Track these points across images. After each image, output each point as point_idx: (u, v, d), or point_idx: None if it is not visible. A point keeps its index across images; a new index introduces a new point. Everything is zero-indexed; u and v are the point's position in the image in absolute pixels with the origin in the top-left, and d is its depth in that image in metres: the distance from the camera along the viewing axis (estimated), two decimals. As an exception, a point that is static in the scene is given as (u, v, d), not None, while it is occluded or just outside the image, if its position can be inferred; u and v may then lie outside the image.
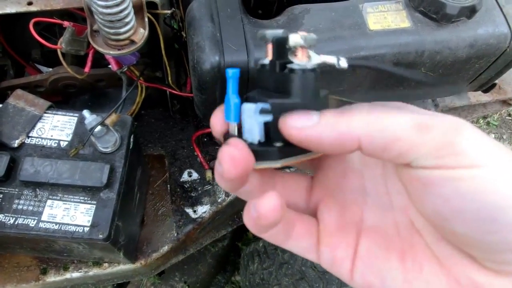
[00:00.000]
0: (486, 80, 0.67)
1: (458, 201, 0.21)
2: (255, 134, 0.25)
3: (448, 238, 0.24)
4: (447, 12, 0.52)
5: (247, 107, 0.25)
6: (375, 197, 0.28)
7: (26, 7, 0.55)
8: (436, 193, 0.22)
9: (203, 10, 0.51)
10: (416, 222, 0.26)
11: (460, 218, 0.21)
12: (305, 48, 0.25)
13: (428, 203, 0.22)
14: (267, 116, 0.25)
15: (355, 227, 0.28)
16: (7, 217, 0.52)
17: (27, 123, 0.57)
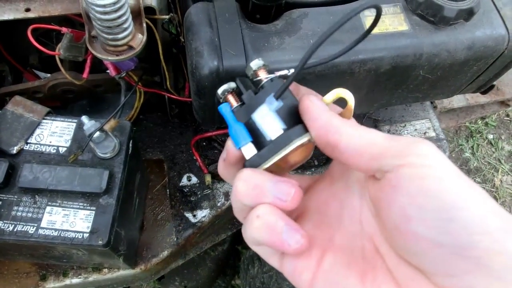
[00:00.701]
0: (485, 81, 0.67)
1: (422, 198, 0.23)
2: (278, 125, 0.28)
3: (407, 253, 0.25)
4: (444, 15, 0.52)
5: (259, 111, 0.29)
6: (348, 224, 0.30)
7: (24, 13, 0.55)
8: (403, 192, 0.24)
9: (201, 15, 0.51)
10: (381, 248, 0.28)
11: (423, 216, 0.23)
12: (263, 67, 0.31)
13: (396, 205, 0.24)
14: (276, 104, 0.29)
15: (322, 244, 0.29)
16: (6, 224, 0.52)
17: (26, 130, 0.57)
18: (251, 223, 0.27)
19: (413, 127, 0.99)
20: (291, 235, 0.26)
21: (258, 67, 0.31)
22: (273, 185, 0.27)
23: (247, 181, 0.28)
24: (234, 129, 0.30)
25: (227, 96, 0.32)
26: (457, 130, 1.89)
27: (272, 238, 0.27)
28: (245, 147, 0.29)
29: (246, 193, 0.28)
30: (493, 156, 1.85)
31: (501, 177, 1.80)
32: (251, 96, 0.30)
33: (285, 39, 0.51)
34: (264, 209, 0.27)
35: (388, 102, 0.65)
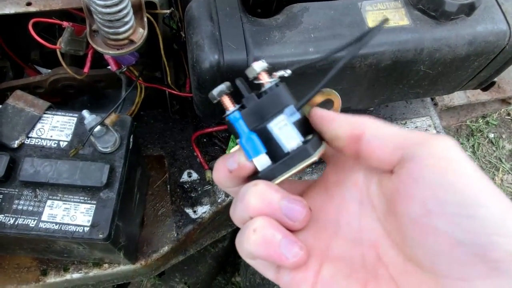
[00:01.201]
0: (485, 78, 0.67)
1: (443, 192, 0.22)
2: (297, 137, 0.28)
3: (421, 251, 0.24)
4: (446, 10, 0.52)
5: (277, 121, 0.28)
6: (346, 231, 0.29)
7: (25, 7, 0.55)
8: (425, 184, 0.23)
9: (202, 9, 0.51)
10: (385, 255, 0.27)
11: (444, 211, 0.22)
12: (263, 71, 0.30)
13: (417, 197, 0.23)
14: (295, 116, 0.28)
15: (320, 253, 0.28)
16: (7, 218, 0.52)
17: (27, 124, 0.57)
18: (248, 238, 0.26)
19: (413, 124, 0.99)
20: (289, 248, 0.26)
21: (262, 70, 0.30)
22: (287, 204, 0.27)
23: (262, 197, 0.27)
24: (246, 139, 0.28)
25: (222, 98, 0.30)
26: (458, 129, 1.89)
27: (270, 252, 0.26)
28: (258, 158, 0.28)
29: (259, 208, 0.27)
30: (494, 155, 1.85)
31: (502, 176, 1.80)
32: (255, 101, 0.29)
33: (286, 33, 0.51)
34: (261, 222, 0.26)
35: (389, 98, 0.65)
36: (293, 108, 0.28)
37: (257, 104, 0.29)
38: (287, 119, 0.28)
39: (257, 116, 0.29)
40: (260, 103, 0.29)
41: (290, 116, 0.28)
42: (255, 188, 0.27)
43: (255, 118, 0.29)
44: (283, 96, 0.29)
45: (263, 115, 0.29)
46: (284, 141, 0.28)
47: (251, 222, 0.26)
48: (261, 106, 0.29)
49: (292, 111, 0.28)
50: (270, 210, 0.27)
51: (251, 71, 0.30)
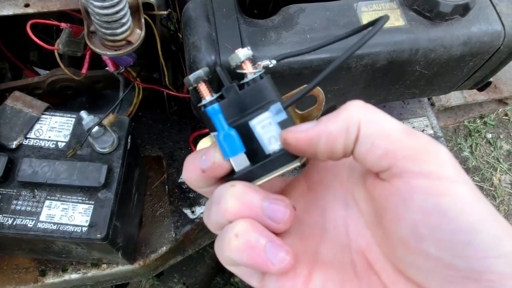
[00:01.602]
0: (481, 78, 0.67)
1: (438, 217, 0.21)
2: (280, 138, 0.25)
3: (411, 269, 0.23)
4: (440, 10, 0.53)
5: (260, 118, 0.26)
6: (333, 235, 0.27)
7: (23, 9, 0.55)
8: (416, 207, 0.21)
9: (199, 10, 0.52)
10: (376, 264, 0.25)
11: (436, 237, 0.21)
12: (248, 59, 0.27)
13: (406, 220, 0.22)
14: (281, 115, 0.26)
15: (308, 259, 0.26)
16: (5, 218, 0.52)
17: (25, 125, 0.58)
18: (229, 243, 0.24)
19: (411, 124, 0.99)
20: (275, 253, 0.23)
21: (246, 58, 0.27)
22: (268, 205, 0.24)
23: (241, 199, 0.24)
24: (225, 136, 0.26)
25: (199, 85, 0.27)
26: (456, 129, 1.90)
27: (254, 258, 0.23)
28: (236, 157, 0.26)
29: (238, 212, 0.24)
30: (491, 155, 1.85)
31: (500, 176, 1.80)
32: (236, 92, 0.27)
33: (282, 34, 0.51)
34: (244, 226, 0.24)
35: (385, 98, 0.66)
36: (280, 106, 0.26)
37: (238, 96, 0.26)
38: (272, 117, 0.26)
39: (237, 110, 0.26)
40: (241, 95, 0.26)
41: (276, 115, 0.26)
42: (232, 190, 0.25)
43: (234, 111, 0.26)
44: (268, 90, 0.26)
45: (244, 109, 0.26)
46: (266, 141, 0.26)
47: (232, 226, 0.24)
48: (242, 98, 0.26)
49: (278, 109, 0.26)
50: (250, 213, 0.24)
51: (235, 58, 0.27)
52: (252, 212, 0.24)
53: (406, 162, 0.22)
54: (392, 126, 0.23)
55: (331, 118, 0.24)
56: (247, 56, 0.27)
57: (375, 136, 0.23)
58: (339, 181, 0.28)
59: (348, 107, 0.24)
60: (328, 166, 0.29)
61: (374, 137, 0.23)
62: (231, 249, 0.24)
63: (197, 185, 0.28)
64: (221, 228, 0.25)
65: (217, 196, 0.25)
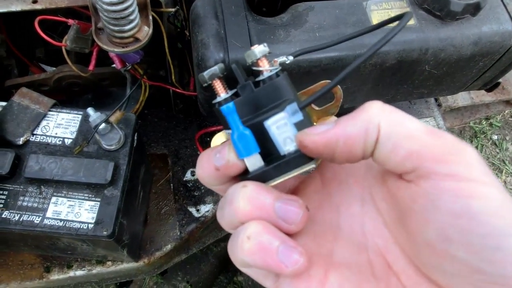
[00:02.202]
0: (490, 78, 0.67)
1: (467, 221, 0.20)
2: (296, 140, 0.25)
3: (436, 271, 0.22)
4: (451, 10, 0.52)
5: (276, 119, 0.25)
6: (348, 234, 0.26)
7: (31, 5, 0.55)
8: (445, 210, 0.21)
9: (207, 7, 0.51)
10: (395, 264, 0.24)
11: (465, 240, 0.20)
12: (264, 56, 0.26)
13: (434, 223, 0.21)
14: (297, 116, 0.25)
15: (322, 260, 0.26)
16: (12, 214, 0.52)
17: (32, 121, 0.57)
18: (242, 246, 0.23)
19: (417, 125, 0.99)
20: (288, 255, 0.23)
21: (262, 55, 0.26)
22: (281, 206, 0.24)
23: (253, 200, 0.24)
24: (239, 136, 0.25)
25: (214, 82, 0.27)
26: (462, 130, 1.89)
27: (267, 260, 0.23)
28: (251, 157, 0.25)
29: (249, 213, 0.24)
30: (497, 157, 1.84)
31: (505, 178, 1.79)
32: (251, 90, 0.26)
33: (291, 32, 0.51)
34: (256, 228, 0.23)
35: (393, 98, 0.65)
36: (296, 107, 0.25)
37: (253, 94, 0.26)
38: (288, 118, 0.25)
39: (252, 108, 0.26)
40: (257, 93, 0.26)
41: (292, 115, 0.25)
42: (244, 190, 0.24)
43: (249, 109, 0.26)
44: (284, 88, 0.26)
45: (259, 107, 0.26)
46: (281, 142, 0.25)
47: (244, 227, 0.24)
48: (258, 96, 0.26)
49: (295, 110, 0.25)
50: (262, 214, 0.24)
51: (251, 55, 0.26)
52: (264, 213, 0.24)
53: (432, 163, 0.21)
54: (415, 126, 0.22)
55: (350, 119, 0.23)
56: (263, 53, 0.26)
57: (397, 137, 0.22)
58: (355, 179, 0.27)
59: (367, 108, 0.23)
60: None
61: (396, 138, 0.22)
62: (243, 251, 0.23)
63: (210, 183, 0.27)
64: (234, 227, 0.25)
65: (230, 196, 0.25)
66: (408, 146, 0.22)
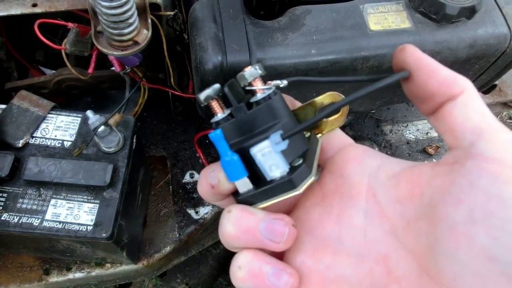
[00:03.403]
0: (487, 80, 0.67)
1: (496, 204, 0.21)
2: (282, 166, 0.25)
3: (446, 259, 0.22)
4: (447, 13, 0.53)
5: (260, 147, 0.25)
6: (349, 246, 0.26)
7: (31, 8, 0.56)
8: (480, 190, 0.21)
9: (205, 11, 0.52)
10: (397, 270, 0.24)
11: (488, 222, 0.21)
12: (257, 78, 0.27)
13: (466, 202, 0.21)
14: (282, 145, 0.25)
15: (319, 277, 0.26)
16: (11, 216, 0.53)
17: (31, 124, 0.58)
18: (234, 275, 0.25)
19: (415, 127, 0.99)
20: (278, 277, 0.24)
21: (254, 78, 0.27)
22: (265, 226, 0.25)
23: (237, 224, 0.25)
24: (227, 162, 0.26)
25: (210, 103, 0.28)
26: (460, 132, 1.89)
27: (258, 285, 0.24)
28: (240, 181, 0.26)
29: (236, 237, 0.25)
30: (495, 158, 1.85)
31: (504, 179, 1.80)
32: (244, 112, 0.26)
33: (288, 35, 0.51)
34: (246, 257, 0.25)
35: (390, 100, 0.66)
36: (279, 137, 0.25)
37: (245, 116, 0.26)
38: (272, 146, 0.25)
39: (244, 130, 0.26)
40: (249, 116, 0.26)
41: (276, 144, 0.25)
42: (229, 216, 0.26)
43: (241, 131, 0.26)
44: (277, 110, 0.26)
45: (251, 129, 0.26)
46: (267, 169, 0.25)
47: (236, 258, 0.25)
48: (250, 118, 0.26)
49: (278, 140, 0.25)
50: (248, 237, 0.25)
51: (242, 78, 0.27)
52: (250, 236, 0.25)
53: (485, 145, 0.22)
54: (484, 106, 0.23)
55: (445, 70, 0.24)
56: (254, 76, 0.27)
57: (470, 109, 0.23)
58: (358, 189, 0.27)
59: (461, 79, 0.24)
60: (344, 175, 0.28)
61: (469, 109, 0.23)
62: (237, 279, 0.25)
63: (208, 199, 0.29)
64: (230, 248, 0.27)
65: (220, 220, 0.26)
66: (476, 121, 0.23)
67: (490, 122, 0.23)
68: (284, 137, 0.25)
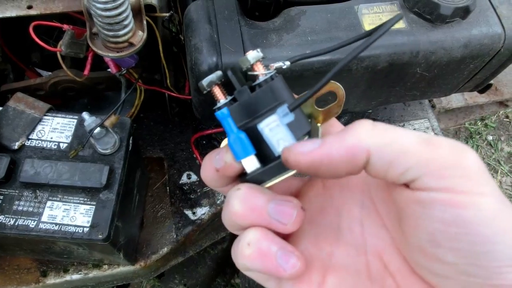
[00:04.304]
0: (482, 80, 0.67)
1: (456, 228, 0.21)
2: (289, 139, 0.25)
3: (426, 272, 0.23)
4: (441, 13, 0.53)
5: (268, 121, 0.26)
6: (348, 237, 0.27)
7: (26, 11, 0.56)
8: (436, 218, 0.21)
9: (200, 12, 0.52)
10: (391, 265, 0.25)
11: (454, 246, 0.21)
12: (259, 61, 0.27)
13: (425, 228, 0.22)
14: (289, 116, 0.26)
15: (322, 263, 0.27)
16: (7, 218, 0.53)
17: (27, 126, 0.58)
18: (242, 252, 0.25)
19: (411, 126, 0.99)
20: (286, 259, 0.24)
21: (256, 60, 0.27)
22: (274, 207, 0.25)
23: (246, 202, 0.25)
24: (234, 139, 0.26)
25: (213, 89, 0.28)
26: (457, 131, 1.90)
27: (266, 265, 0.24)
28: (247, 159, 0.26)
29: (243, 215, 0.25)
30: (492, 157, 1.85)
31: (501, 178, 1.80)
32: (248, 94, 0.27)
33: (283, 36, 0.51)
34: (255, 235, 0.25)
35: (386, 100, 0.66)
36: (286, 109, 0.25)
37: (249, 99, 0.27)
38: (279, 119, 0.25)
39: (249, 112, 0.27)
40: (252, 98, 0.27)
41: (283, 117, 0.25)
42: (237, 193, 0.25)
43: (246, 113, 0.27)
44: (279, 91, 0.26)
45: (255, 111, 0.26)
46: (275, 143, 0.26)
47: (244, 235, 0.25)
48: (253, 100, 0.27)
49: (285, 112, 0.25)
50: (256, 216, 0.25)
51: (244, 61, 0.27)
52: (258, 215, 0.25)
53: (429, 178, 0.21)
54: (408, 140, 0.22)
55: (336, 141, 0.23)
56: (257, 59, 0.27)
57: (392, 157, 0.22)
58: (356, 182, 0.28)
59: (355, 130, 0.23)
60: None
61: (391, 158, 0.22)
62: (244, 257, 0.25)
63: (213, 184, 0.28)
64: (234, 229, 0.26)
65: (227, 198, 0.26)
66: (404, 162, 0.22)
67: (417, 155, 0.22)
68: (291, 108, 0.25)
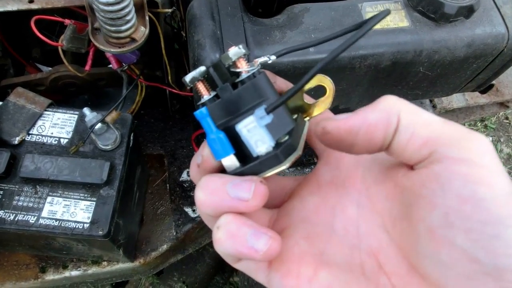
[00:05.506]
0: (484, 80, 0.67)
1: (471, 206, 0.20)
2: (267, 141, 0.25)
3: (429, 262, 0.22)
4: (445, 12, 0.53)
5: (245, 122, 0.25)
6: (342, 236, 0.27)
7: (28, 5, 0.55)
8: (453, 193, 0.21)
9: (203, 8, 0.52)
10: (387, 265, 0.25)
11: (467, 226, 0.20)
12: (241, 57, 0.27)
13: (439, 208, 0.21)
14: (267, 118, 0.25)
15: (313, 259, 0.26)
16: (7, 214, 0.52)
17: (28, 121, 0.58)
18: (213, 236, 0.25)
19: (412, 126, 0.99)
20: (257, 238, 0.23)
21: (238, 57, 0.27)
22: (232, 185, 0.24)
23: (205, 188, 0.25)
24: (213, 139, 0.26)
25: (196, 85, 0.27)
26: (457, 132, 1.90)
27: (237, 246, 0.24)
28: (226, 159, 0.26)
29: (206, 201, 0.25)
30: (492, 158, 1.85)
31: (500, 179, 1.81)
32: (230, 92, 0.26)
33: (286, 33, 0.51)
34: (225, 218, 0.24)
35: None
36: (263, 112, 0.25)
37: (230, 96, 0.26)
38: (257, 121, 0.25)
39: (230, 110, 0.26)
40: (234, 95, 0.26)
41: (261, 118, 0.25)
42: (199, 183, 0.26)
43: (227, 111, 0.26)
44: (262, 88, 0.26)
45: (237, 109, 0.26)
46: (253, 144, 0.25)
47: (216, 221, 0.25)
48: (235, 98, 0.26)
49: (263, 114, 0.25)
50: (218, 199, 0.25)
51: (226, 58, 0.27)
52: (219, 197, 0.25)
53: (448, 148, 0.22)
54: (431, 116, 0.23)
55: (370, 109, 0.24)
56: (238, 55, 0.26)
57: (416, 125, 0.23)
58: (352, 181, 0.28)
59: (386, 99, 0.24)
60: (340, 166, 0.29)
61: (415, 127, 0.23)
62: (215, 241, 0.24)
63: (196, 180, 0.28)
64: (208, 221, 0.27)
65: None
66: (426, 134, 0.22)
67: (438, 128, 0.23)
68: (268, 110, 0.25)
